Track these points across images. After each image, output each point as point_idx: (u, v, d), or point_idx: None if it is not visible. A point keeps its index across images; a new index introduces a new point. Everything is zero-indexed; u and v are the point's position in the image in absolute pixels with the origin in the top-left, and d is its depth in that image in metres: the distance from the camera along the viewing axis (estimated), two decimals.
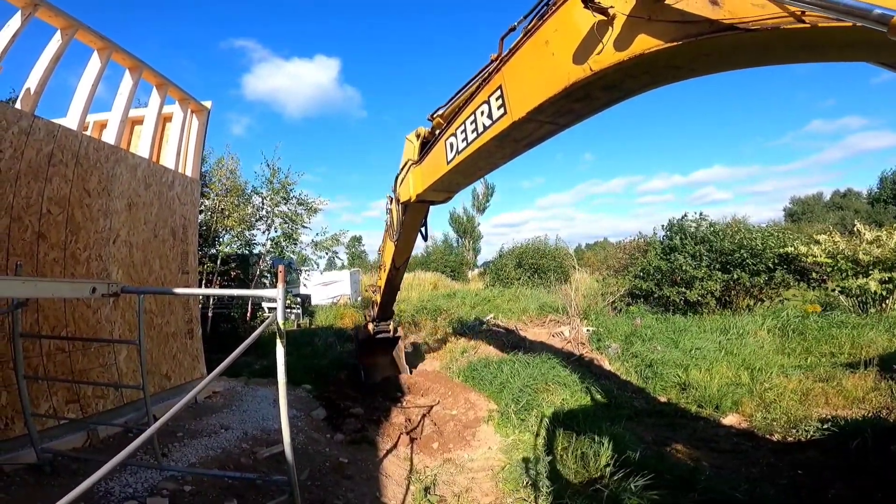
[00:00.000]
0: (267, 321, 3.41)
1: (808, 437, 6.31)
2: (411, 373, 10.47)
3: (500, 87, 3.81)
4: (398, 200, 6.87)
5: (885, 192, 48.17)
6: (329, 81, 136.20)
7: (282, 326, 3.30)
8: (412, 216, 6.99)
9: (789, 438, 6.53)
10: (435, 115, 5.39)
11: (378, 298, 9.73)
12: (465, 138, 4.46)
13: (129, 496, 4.06)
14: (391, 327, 10.34)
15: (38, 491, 3.89)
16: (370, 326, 10.13)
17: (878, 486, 4.71)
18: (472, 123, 4.32)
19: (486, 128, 4.10)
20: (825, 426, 6.30)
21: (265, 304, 15.07)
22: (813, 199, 57.53)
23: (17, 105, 4.99)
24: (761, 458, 6.03)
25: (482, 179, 47.11)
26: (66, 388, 5.04)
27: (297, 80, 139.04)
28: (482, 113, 4.12)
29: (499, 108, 3.87)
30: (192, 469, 4.71)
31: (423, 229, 7.38)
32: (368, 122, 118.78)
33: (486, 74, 4.05)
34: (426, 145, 6.00)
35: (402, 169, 6.45)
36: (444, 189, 6.00)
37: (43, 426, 4.60)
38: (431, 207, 6.89)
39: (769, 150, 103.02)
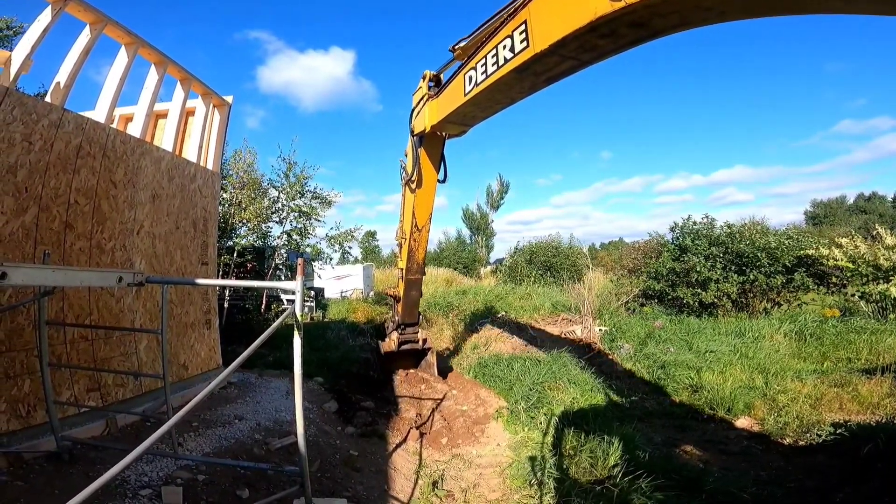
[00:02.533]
0: (286, 313, 3.49)
1: (820, 441, 6.27)
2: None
3: (524, 21, 3.81)
4: (412, 132, 6.92)
5: None
6: (344, 74, 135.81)
7: (300, 319, 3.38)
8: (428, 148, 6.99)
9: (801, 442, 6.50)
10: (456, 47, 5.35)
11: (400, 289, 8.58)
12: (485, 71, 4.49)
13: (144, 485, 4.16)
14: (419, 336, 9.07)
15: (56, 479, 3.98)
16: (394, 336, 8.90)
17: (886, 490, 4.69)
18: (493, 57, 4.34)
19: (506, 61, 4.10)
20: (837, 431, 6.26)
21: (284, 297, 15.28)
22: (835, 203, 56.33)
23: (47, 98, 5.14)
24: (771, 462, 6.02)
25: (497, 176, 47.06)
26: (88, 377, 5.19)
27: (312, 73, 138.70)
28: (504, 47, 4.13)
29: (522, 41, 3.86)
30: (206, 458, 4.81)
31: (441, 172, 7.29)
32: (384, 116, 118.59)
33: (512, 10, 4.04)
34: (432, 87, 6.16)
35: (417, 104, 6.55)
36: (460, 121, 6.03)
37: (64, 414, 4.70)
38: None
39: (795, 151, 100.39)
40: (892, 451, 5.23)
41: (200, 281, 5.99)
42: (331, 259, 17.33)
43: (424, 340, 9.32)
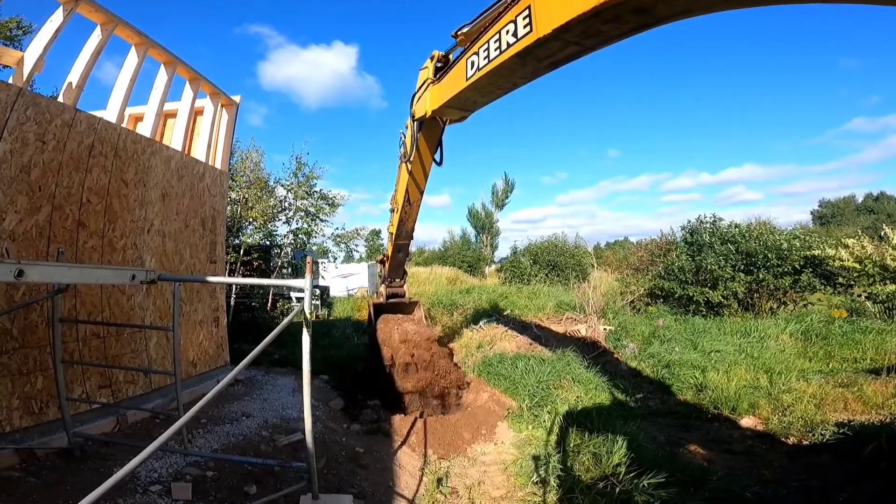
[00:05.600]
0: (294, 311, 3.55)
1: (824, 441, 6.28)
2: None
3: (528, 6, 3.80)
4: (413, 117, 6.90)
5: None
6: (348, 70, 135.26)
7: (308, 316, 3.43)
8: (427, 133, 6.97)
9: (805, 442, 6.50)
10: (459, 33, 5.33)
11: (389, 250, 9.13)
12: (488, 56, 4.49)
13: (154, 481, 4.24)
14: (406, 289, 9.72)
15: (68, 475, 4.03)
16: (382, 289, 9.60)
17: (889, 490, 4.70)
18: (495, 42, 4.33)
19: (509, 45, 4.10)
20: (840, 431, 6.27)
21: (293, 294, 15.38)
22: (843, 202, 55.98)
23: (60, 98, 5.22)
24: (774, 461, 6.03)
25: (503, 175, 47.12)
26: (100, 373, 5.26)
27: (315, 69, 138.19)
28: (507, 32, 4.13)
29: (525, 26, 3.86)
30: (215, 455, 4.86)
31: (437, 155, 7.30)
32: (388, 112, 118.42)
33: None
34: (439, 70, 6.12)
35: (419, 89, 6.54)
36: (461, 106, 5.99)
37: (75, 410, 4.76)
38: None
39: (806, 149, 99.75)
40: (895, 450, 5.24)
41: (211, 279, 6.06)
42: (335, 258, 17.39)
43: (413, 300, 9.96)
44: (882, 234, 14.09)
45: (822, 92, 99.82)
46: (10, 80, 5.24)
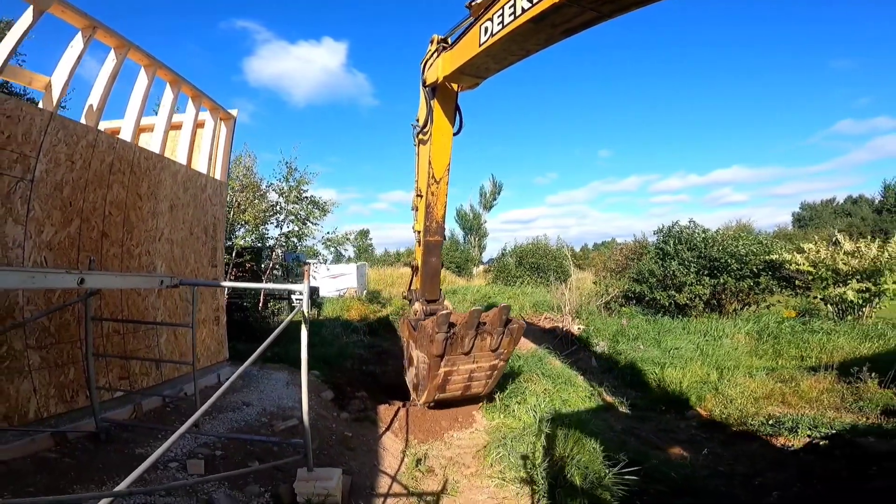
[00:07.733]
0: (294, 311, 4.25)
1: (754, 430, 7.14)
2: None
3: None
4: (425, 83, 6.80)
5: (888, 201, 48.11)
6: (337, 67, 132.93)
7: (307, 317, 4.14)
8: (442, 99, 6.79)
9: (740, 430, 7.36)
10: (473, 3, 5.33)
11: (418, 256, 7.59)
12: (502, 21, 4.53)
13: (171, 459, 4.92)
14: (449, 304, 7.88)
15: (97, 455, 4.69)
16: (417, 305, 7.56)
17: (801, 476, 5.51)
18: (510, 7, 4.37)
19: (524, 11, 4.11)
20: (769, 421, 7.13)
21: (294, 297, 15.94)
22: (822, 206, 57.61)
23: (82, 120, 5.83)
24: (711, 448, 6.87)
25: (490, 176, 47.83)
26: (120, 366, 5.93)
27: (304, 65, 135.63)
28: None
29: None
30: (223, 435, 5.58)
31: (456, 124, 7.07)
32: (381, 111, 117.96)
33: None
34: (440, 50, 6.39)
35: (430, 56, 6.67)
36: (473, 73, 6.01)
37: (99, 399, 5.32)
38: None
39: (794, 151, 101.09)
40: (815, 441, 6.07)
41: (225, 283, 6.77)
42: (326, 260, 17.97)
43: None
44: (834, 239, 15.04)
45: (811, 94, 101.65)
46: (41, 105, 5.83)
